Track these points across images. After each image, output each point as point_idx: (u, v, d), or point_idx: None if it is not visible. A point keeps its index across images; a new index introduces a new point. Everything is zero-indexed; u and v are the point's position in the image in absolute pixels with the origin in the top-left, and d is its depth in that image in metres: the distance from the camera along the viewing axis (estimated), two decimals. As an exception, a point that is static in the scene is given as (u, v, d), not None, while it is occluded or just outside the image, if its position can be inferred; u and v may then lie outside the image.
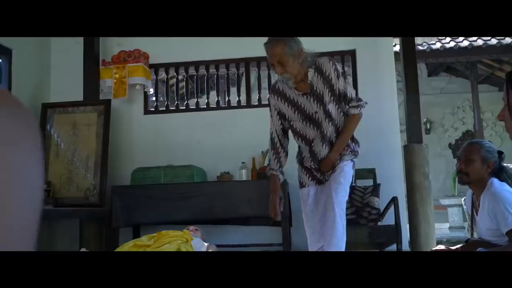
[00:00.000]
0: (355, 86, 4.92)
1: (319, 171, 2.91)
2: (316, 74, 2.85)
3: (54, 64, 5.18)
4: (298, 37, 2.84)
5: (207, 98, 5.18)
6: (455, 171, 9.54)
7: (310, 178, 2.94)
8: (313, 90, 2.85)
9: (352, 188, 4.35)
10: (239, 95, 5.11)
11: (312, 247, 2.85)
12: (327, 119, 2.83)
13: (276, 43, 2.75)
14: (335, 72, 2.84)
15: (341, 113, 2.88)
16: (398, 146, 4.81)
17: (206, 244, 3.53)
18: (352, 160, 2.95)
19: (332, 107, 2.84)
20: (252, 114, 4.94)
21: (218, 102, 5.22)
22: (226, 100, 5.18)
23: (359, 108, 2.90)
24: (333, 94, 2.84)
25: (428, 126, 11.26)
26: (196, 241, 3.39)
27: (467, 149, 2.66)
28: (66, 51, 5.11)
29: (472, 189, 2.72)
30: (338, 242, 2.75)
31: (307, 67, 2.83)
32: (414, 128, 4.68)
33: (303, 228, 2.93)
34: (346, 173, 2.85)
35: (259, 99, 5.05)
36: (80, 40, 4.89)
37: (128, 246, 2.96)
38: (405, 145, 4.68)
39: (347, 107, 2.88)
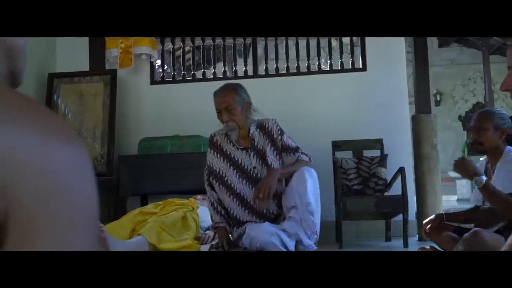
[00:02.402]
0: (363, 56, 4.85)
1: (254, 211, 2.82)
2: (258, 130, 2.88)
3: (60, 34, 5.15)
4: (247, 91, 2.90)
5: (214, 68, 5.15)
6: (464, 143, 9.48)
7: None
8: (254, 145, 2.85)
9: (359, 158, 4.35)
10: (246, 66, 5.07)
11: None
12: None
13: (229, 90, 2.82)
14: (278, 128, 2.89)
15: (283, 165, 2.86)
16: (407, 117, 4.77)
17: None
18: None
19: (273, 159, 2.83)
20: (259, 84, 4.90)
21: (224, 72, 5.18)
22: (233, 71, 5.15)
23: (309, 158, 2.90)
24: (276, 148, 2.85)
25: (438, 97, 11.15)
26: (203, 210, 3.41)
27: (478, 118, 2.65)
28: (72, 21, 5.07)
29: (488, 158, 2.72)
30: None
31: (250, 123, 2.86)
32: (422, 99, 4.64)
33: None
34: None
35: (266, 69, 5.01)
36: (85, 9, 4.84)
37: (134, 213, 2.99)
38: (413, 115, 4.64)
39: (297, 154, 2.86)
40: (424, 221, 3.26)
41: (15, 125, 0.44)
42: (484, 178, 2.50)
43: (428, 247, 3.17)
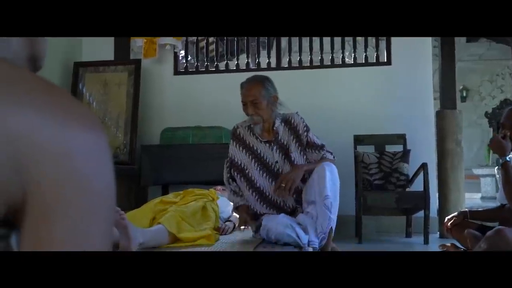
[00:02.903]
0: (388, 50, 4.79)
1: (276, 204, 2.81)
2: (282, 124, 2.85)
3: (86, 23, 5.21)
4: (274, 84, 2.86)
5: (237, 60, 5.15)
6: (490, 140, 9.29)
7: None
8: (277, 139, 2.82)
9: (381, 153, 4.30)
10: (269, 58, 5.05)
11: None
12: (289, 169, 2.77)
13: (256, 83, 2.78)
14: (304, 124, 2.85)
15: (307, 161, 2.84)
16: (431, 113, 4.69)
17: (232, 204, 3.56)
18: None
19: (297, 156, 2.81)
20: (282, 77, 4.87)
21: (248, 64, 5.18)
22: (256, 62, 5.14)
23: (333, 156, 2.86)
24: (300, 144, 2.82)
25: (464, 93, 10.95)
26: (223, 201, 3.42)
27: (510, 114, 2.71)
28: (98, 11, 5.12)
29: None
30: None
31: (275, 116, 2.83)
32: (448, 94, 4.57)
33: None
34: None
35: (289, 62, 4.98)
36: (111, -1, 4.89)
37: (154, 202, 3.01)
38: (437, 110, 4.57)
39: (322, 152, 2.83)
40: (447, 218, 3.22)
41: (35, 107, 0.44)
42: (509, 157, 2.60)
43: (449, 244, 3.14)
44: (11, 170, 0.42)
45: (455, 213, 3.23)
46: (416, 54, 4.69)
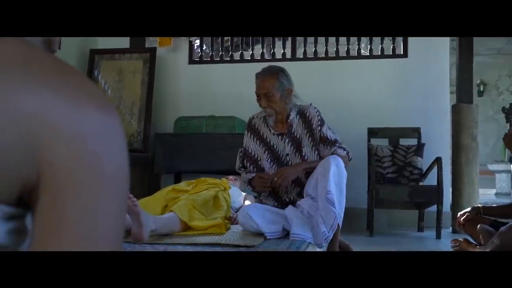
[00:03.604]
0: (405, 42, 4.74)
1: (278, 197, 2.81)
2: (297, 116, 2.80)
3: (103, 11, 5.23)
4: (290, 76, 2.79)
5: (252, 50, 5.13)
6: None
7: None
8: (290, 132, 2.78)
9: (395, 146, 4.27)
10: (284, 48, 5.03)
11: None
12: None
13: (270, 75, 2.71)
14: (319, 118, 2.79)
15: (318, 157, 2.77)
16: (447, 107, 4.64)
17: (244, 194, 3.57)
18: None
19: (309, 151, 2.76)
20: (296, 68, 4.84)
21: (262, 54, 5.16)
22: (271, 53, 5.12)
23: (346, 152, 2.78)
24: (313, 139, 2.77)
25: (482, 88, 10.80)
26: (234, 190, 3.43)
27: None
28: (114, -2, 5.13)
29: None
30: None
31: (290, 108, 2.77)
32: (464, 88, 4.51)
33: None
34: None
35: (305, 53, 4.96)
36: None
37: (166, 190, 3.03)
38: (453, 104, 4.52)
39: (334, 148, 2.75)
40: (460, 213, 3.20)
41: (49, 87, 0.44)
42: None
43: (461, 239, 3.13)
44: (24, 150, 0.42)
45: (468, 209, 3.20)
46: (433, 47, 4.63)
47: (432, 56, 4.64)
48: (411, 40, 4.70)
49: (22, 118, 0.42)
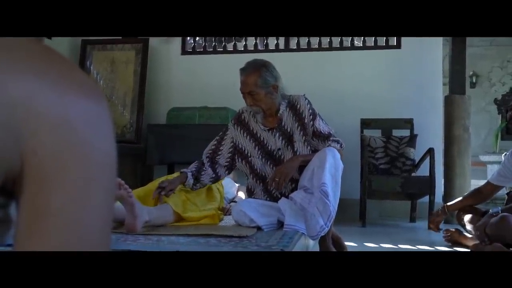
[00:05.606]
0: (398, 32, 4.74)
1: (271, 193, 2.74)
2: (288, 109, 2.68)
3: (94, 0, 5.19)
4: (276, 71, 2.63)
5: (245, 41, 5.11)
6: (499, 127, 9.25)
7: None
8: (280, 126, 2.67)
9: (388, 137, 4.29)
10: (277, 39, 5.02)
11: None
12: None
13: (252, 72, 2.57)
14: (310, 111, 2.66)
15: (310, 151, 2.68)
16: (439, 98, 4.66)
17: (237, 185, 3.57)
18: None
19: (301, 146, 2.66)
20: (289, 58, 4.85)
21: (256, 45, 5.14)
22: (264, 44, 5.10)
23: (340, 144, 2.68)
24: (305, 133, 2.65)
25: (474, 79, 10.83)
26: (227, 181, 3.43)
27: None
28: (106, -12, 5.09)
29: None
30: None
31: (279, 103, 2.64)
32: (457, 79, 4.52)
33: None
34: None
35: (298, 44, 4.95)
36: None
37: (160, 181, 3.02)
38: (446, 95, 4.53)
39: (328, 142, 2.65)
40: (431, 216, 3.32)
41: (34, 73, 0.43)
42: None
43: (453, 229, 3.16)
44: (8, 136, 0.41)
45: (436, 210, 3.35)
46: (426, 38, 4.63)
47: (425, 47, 4.64)
48: (404, 31, 4.70)
49: (5, 105, 0.40)
